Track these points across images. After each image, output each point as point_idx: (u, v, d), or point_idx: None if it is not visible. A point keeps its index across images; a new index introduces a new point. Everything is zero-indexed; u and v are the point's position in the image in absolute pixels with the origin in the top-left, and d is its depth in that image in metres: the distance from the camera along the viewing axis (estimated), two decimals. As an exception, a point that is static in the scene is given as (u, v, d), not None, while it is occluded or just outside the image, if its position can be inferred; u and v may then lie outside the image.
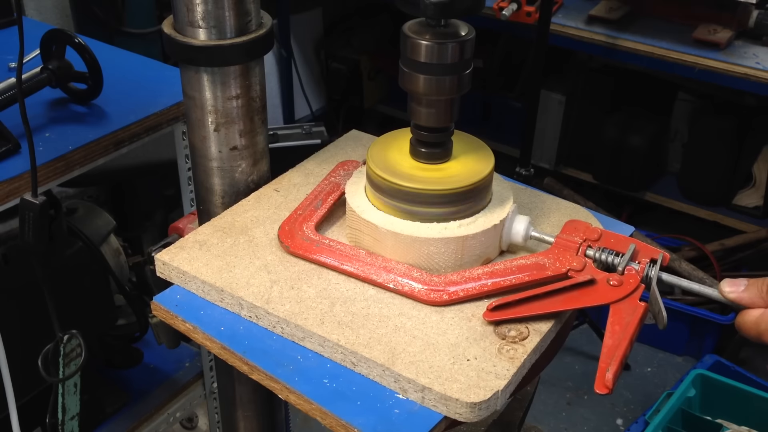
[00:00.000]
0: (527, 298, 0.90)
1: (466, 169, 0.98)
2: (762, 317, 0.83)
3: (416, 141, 0.98)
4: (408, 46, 0.92)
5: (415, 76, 0.92)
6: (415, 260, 0.96)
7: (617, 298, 0.88)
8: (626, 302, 0.88)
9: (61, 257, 1.64)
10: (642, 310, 0.87)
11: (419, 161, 0.99)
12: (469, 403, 0.80)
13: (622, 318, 0.86)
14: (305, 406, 0.84)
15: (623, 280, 0.89)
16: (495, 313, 0.89)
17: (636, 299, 0.88)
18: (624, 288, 0.89)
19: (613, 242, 0.94)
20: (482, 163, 0.99)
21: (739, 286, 0.85)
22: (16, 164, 1.41)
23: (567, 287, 0.90)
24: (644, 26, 2.94)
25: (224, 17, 0.97)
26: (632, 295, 0.88)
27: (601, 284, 0.89)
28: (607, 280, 0.89)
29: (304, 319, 0.90)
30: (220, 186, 1.08)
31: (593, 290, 0.89)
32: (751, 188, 3.31)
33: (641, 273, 0.90)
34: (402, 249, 0.96)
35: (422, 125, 0.96)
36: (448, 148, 0.99)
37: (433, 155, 0.98)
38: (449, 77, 0.92)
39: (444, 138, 0.98)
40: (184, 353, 2.06)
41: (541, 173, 3.46)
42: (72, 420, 1.59)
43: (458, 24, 0.92)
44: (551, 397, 2.85)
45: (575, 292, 0.90)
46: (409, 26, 0.92)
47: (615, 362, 0.82)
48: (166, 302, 0.96)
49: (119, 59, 1.81)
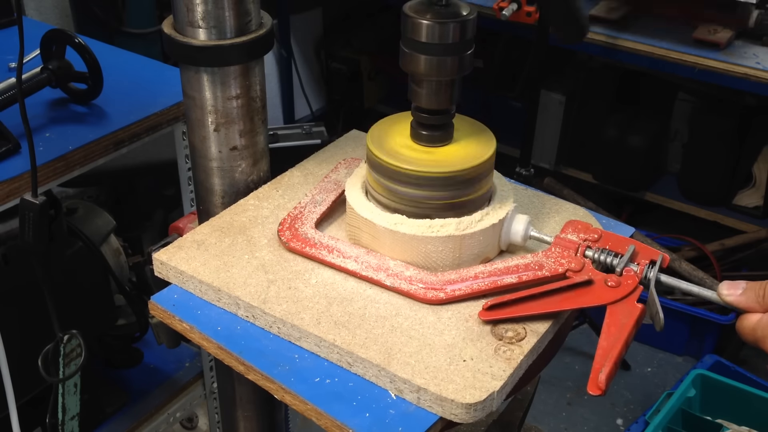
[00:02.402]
0: (523, 298, 0.89)
1: (467, 152, 0.97)
2: (759, 323, 0.82)
3: (416, 123, 0.97)
4: (409, 25, 0.91)
5: (415, 57, 0.92)
6: (413, 258, 0.96)
7: (614, 299, 0.87)
8: (623, 303, 0.87)
9: (61, 257, 1.65)
10: (639, 311, 0.86)
11: (419, 144, 0.98)
12: (464, 404, 0.80)
13: (619, 319, 0.86)
14: (301, 406, 0.84)
15: (621, 281, 0.89)
16: (490, 312, 0.89)
17: (633, 301, 0.87)
18: (622, 289, 0.88)
19: (612, 243, 0.94)
20: (483, 147, 0.98)
21: (737, 289, 0.85)
22: (16, 164, 1.41)
23: (564, 287, 0.89)
24: (644, 26, 2.94)
25: (224, 17, 0.97)
26: (630, 296, 0.88)
27: (599, 285, 0.89)
28: (604, 281, 0.89)
29: (300, 319, 0.90)
30: (220, 186, 1.08)
31: (590, 291, 0.89)
32: (751, 188, 3.31)
33: (640, 274, 0.89)
34: (399, 247, 0.96)
35: (423, 107, 0.95)
36: (449, 131, 0.98)
37: (433, 138, 0.97)
38: (450, 57, 0.91)
39: (445, 120, 0.97)
40: (184, 353, 2.06)
41: (541, 173, 3.46)
42: (72, 420, 1.59)
43: (459, 4, 0.92)
44: (551, 397, 2.85)
45: (572, 292, 0.89)
46: (410, 6, 0.92)
47: (609, 363, 0.82)
48: (163, 302, 0.97)
49: (119, 59, 1.82)
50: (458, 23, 0.90)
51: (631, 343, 0.85)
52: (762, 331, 0.82)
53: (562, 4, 0.85)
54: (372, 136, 1.00)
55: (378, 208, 0.99)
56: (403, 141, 0.99)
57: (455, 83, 0.94)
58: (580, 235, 0.95)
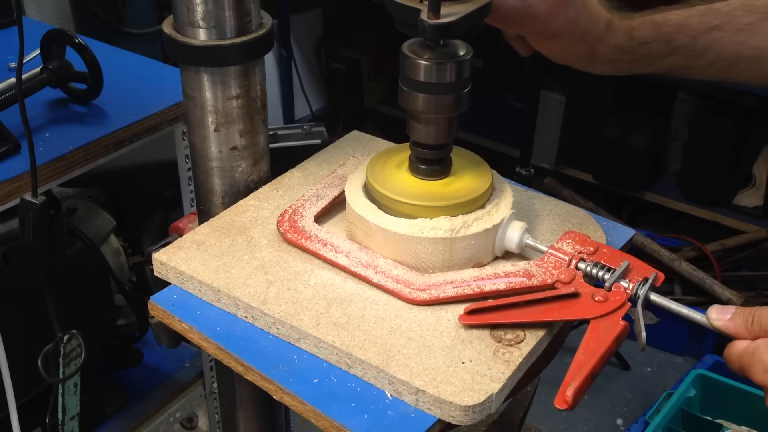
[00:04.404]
0: (505, 305, 0.88)
1: (465, 184, 0.99)
2: (745, 351, 0.79)
3: (415, 158, 0.99)
4: (407, 65, 0.93)
5: (414, 95, 0.93)
6: (403, 258, 0.96)
7: (599, 314, 0.85)
8: (607, 319, 0.85)
9: (61, 257, 1.65)
10: (620, 329, 0.84)
11: (418, 177, 1.00)
12: (463, 406, 0.80)
13: (599, 334, 0.84)
14: (299, 407, 0.85)
15: (609, 297, 0.87)
16: (471, 317, 0.88)
17: (618, 317, 0.85)
18: (608, 305, 0.86)
19: (608, 257, 0.92)
20: (480, 180, 1.00)
21: (725, 314, 0.82)
22: (16, 164, 1.41)
23: (549, 298, 0.88)
24: (645, 26, 2.94)
25: (224, 17, 0.97)
26: (615, 312, 0.86)
27: (585, 298, 0.87)
28: (592, 295, 0.87)
29: (299, 320, 0.90)
30: (220, 186, 1.08)
31: (575, 303, 0.87)
32: (751, 188, 3.31)
33: (630, 291, 0.87)
34: (391, 245, 0.96)
35: (421, 142, 0.97)
36: (447, 165, 1.00)
37: (432, 172, 0.99)
38: (448, 96, 0.93)
39: (443, 155, 0.99)
40: (184, 353, 2.06)
41: (541, 173, 3.46)
42: (72, 420, 1.59)
43: (457, 43, 0.93)
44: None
45: (557, 303, 0.88)
46: (408, 46, 0.94)
47: (580, 378, 0.80)
48: (162, 302, 0.97)
49: (119, 59, 1.82)
50: (455, 63, 0.91)
51: (608, 360, 0.83)
52: (748, 359, 0.79)
53: None
54: (371, 168, 1.01)
55: (372, 205, 0.99)
56: (401, 173, 1.01)
57: (453, 119, 0.96)
58: (576, 246, 0.94)
